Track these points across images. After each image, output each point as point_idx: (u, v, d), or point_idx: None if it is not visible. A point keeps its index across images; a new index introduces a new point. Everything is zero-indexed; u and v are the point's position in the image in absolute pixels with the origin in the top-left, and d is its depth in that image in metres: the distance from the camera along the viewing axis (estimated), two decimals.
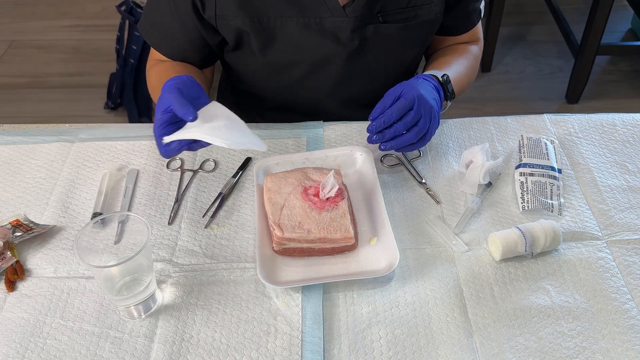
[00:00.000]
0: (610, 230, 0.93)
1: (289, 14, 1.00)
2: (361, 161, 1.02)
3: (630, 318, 0.81)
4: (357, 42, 1.05)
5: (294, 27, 1.02)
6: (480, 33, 1.22)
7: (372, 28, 1.04)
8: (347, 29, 1.03)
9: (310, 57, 1.07)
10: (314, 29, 1.02)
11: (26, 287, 0.86)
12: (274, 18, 1.01)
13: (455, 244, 0.90)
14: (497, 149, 1.07)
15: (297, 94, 1.14)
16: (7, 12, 3.19)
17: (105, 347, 0.78)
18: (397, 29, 1.05)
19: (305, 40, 1.03)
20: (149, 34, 1.10)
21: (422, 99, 0.91)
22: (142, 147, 1.08)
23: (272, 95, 1.17)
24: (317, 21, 1.02)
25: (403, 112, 0.90)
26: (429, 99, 0.93)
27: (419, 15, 1.04)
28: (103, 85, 2.52)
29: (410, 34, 1.07)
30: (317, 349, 0.78)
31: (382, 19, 1.03)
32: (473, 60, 1.17)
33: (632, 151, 1.07)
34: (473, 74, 1.17)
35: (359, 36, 1.04)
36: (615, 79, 2.65)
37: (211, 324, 0.81)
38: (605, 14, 2.23)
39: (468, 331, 0.80)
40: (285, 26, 1.01)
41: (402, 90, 0.92)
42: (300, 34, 1.02)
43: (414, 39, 1.09)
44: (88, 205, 0.98)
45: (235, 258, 0.89)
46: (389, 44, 1.07)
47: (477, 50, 1.19)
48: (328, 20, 1.02)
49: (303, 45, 1.04)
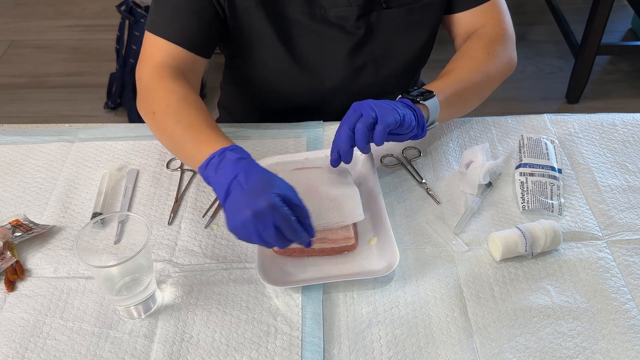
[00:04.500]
0: (610, 230, 0.93)
1: (294, 5, 1.01)
2: (361, 161, 1.02)
3: (630, 318, 0.81)
4: (363, 31, 1.05)
5: (298, 18, 1.02)
6: (502, 18, 1.10)
7: (375, 15, 1.04)
8: (352, 18, 1.03)
9: (316, 48, 1.06)
10: (318, 20, 1.03)
11: (26, 287, 0.86)
12: (280, 6, 1.01)
13: (455, 244, 0.90)
14: (497, 149, 1.07)
15: (303, 86, 1.13)
16: (7, 12, 3.19)
17: (105, 347, 0.78)
18: (401, 13, 1.05)
19: (311, 31, 1.04)
20: (156, 25, 1.02)
21: (357, 103, 0.88)
22: (142, 147, 1.08)
23: (275, 88, 1.15)
24: (321, 12, 1.02)
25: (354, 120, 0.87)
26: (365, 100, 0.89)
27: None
28: (103, 85, 2.52)
29: (415, 17, 1.06)
30: (317, 349, 0.78)
31: (385, 5, 1.04)
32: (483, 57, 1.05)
33: (632, 151, 1.07)
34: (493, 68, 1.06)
35: (364, 24, 1.04)
36: (615, 79, 2.65)
37: (211, 324, 0.81)
38: (605, 14, 2.23)
39: (468, 331, 0.80)
40: (290, 17, 1.02)
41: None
42: (305, 25, 1.03)
43: (419, 23, 1.08)
44: (88, 205, 0.98)
45: (235, 258, 0.89)
46: (394, 30, 1.07)
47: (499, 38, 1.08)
48: (332, 10, 1.02)
49: (308, 37, 1.05)
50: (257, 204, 0.73)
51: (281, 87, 1.14)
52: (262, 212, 0.73)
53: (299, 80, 1.12)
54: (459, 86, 1.01)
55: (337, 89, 1.13)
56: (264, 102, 1.21)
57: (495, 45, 1.07)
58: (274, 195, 0.74)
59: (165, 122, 0.93)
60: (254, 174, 0.78)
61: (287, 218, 0.75)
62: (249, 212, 0.73)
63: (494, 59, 1.06)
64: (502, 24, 1.11)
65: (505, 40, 1.10)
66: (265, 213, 0.73)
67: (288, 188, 0.78)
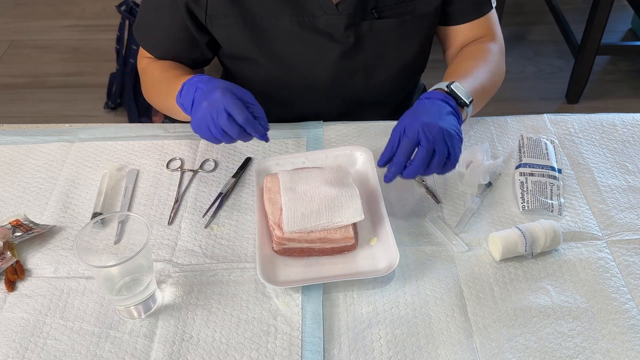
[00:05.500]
0: (610, 230, 0.93)
1: (282, 13, 1.00)
2: (361, 161, 1.02)
3: (630, 318, 0.81)
4: (353, 40, 1.04)
5: (287, 26, 1.01)
6: (497, 30, 1.13)
7: (367, 24, 1.03)
8: (341, 27, 1.02)
9: (305, 55, 1.06)
10: (307, 28, 1.02)
11: (26, 287, 0.86)
12: (266, 17, 1.00)
13: (455, 244, 0.90)
14: (497, 149, 1.07)
15: (293, 94, 1.13)
16: (7, 12, 3.19)
17: (105, 347, 0.78)
18: (392, 24, 1.04)
19: (299, 40, 1.03)
20: (141, 36, 1.11)
21: (427, 126, 0.83)
22: (142, 147, 1.08)
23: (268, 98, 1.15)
24: (310, 20, 1.01)
25: (411, 151, 0.84)
26: (435, 122, 0.84)
27: (416, 9, 1.03)
28: (103, 85, 2.52)
29: (407, 28, 1.06)
30: (317, 349, 0.78)
31: (377, 15, 1.02)
32: (495, 62, 1.07)
33: (632, 151, 1.07)
34: (498, 77, 1.08)
35: (354, 33, 1.03)
36: (615, 79, 2.65)
37: (211, 324, 0.81)
38: (605, 14, 2.23)
39: (468, 331, 0.80)
40: (278, 26, 1.01)
41: (405, 124, 0.85)
42: (294, 32, 1.02)
43: (411, 34, 1.07)
44: (88, 205, 0.98)
45: (235, 258, 0.89)
46: (385, 40, 1.06)
47: (497, 50, 1.10)
48: (321, 18, 1.01)
49: (297, 45, 1.04)
50: (210, 95, 0.85)
51: (274, 93, 1.14)
52: (214, 99, 0.84)
53: (290, 88, 1.12)
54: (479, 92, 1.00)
55: (328, 96, 1.13)
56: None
57: (496, 56, 1.09)
58: (226, 88, 0.85)
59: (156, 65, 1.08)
60: (214, 81, 0.89)
61: (237, 103, 0.84)
62: (204, 104, 0.86)
63: (498, 69, 1.08)
64: (498, 36, 1.13)
65: (503, 52, 1.12)
66: (217, 99, 0.84)
67: (242, 90, 0.88)
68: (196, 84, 0.91)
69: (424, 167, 0.83)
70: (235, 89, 0.87)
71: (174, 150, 1.08)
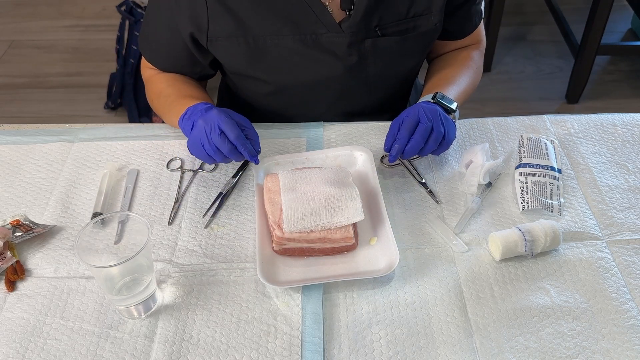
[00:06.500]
0: (610, 230, 0.93)
1: (285, 32, 1.00)
2: (361, 161, 1.02)
3: (630, 318, 0.81)
4: (356, 57, 1.04)
5: (290, 45, 1.01)
6: (483, 34, 1.21)
7: (370, 42, 1.02)
8: (344, 45, 1.02)
9: (308, 73, 1.05)
10: (310, 46, 1.01)
11: (26, 287, 0.86)
12: (269, 37, 1.00)
13: (455, 244, 0.90)
14: (497, 149, 1.08)
15: (295, 110, 1.14)
16: (7, 12, 3.19)
17: (105, 347, 0.78)
18: (396, 41, 1.04)
19: (303, 57, 1.02)
20: (144, 49, 1.11)
21: (426, 108, 0.95)
22: (142, 147, 1.08)
23: (270, 111, 1.16)
24: (313, 38, 1.01)
25: (413, 128, 0.94)
26: (433, 107, 0.97)
27: (418, 26, 1.03)
28: (103, 85, 2.52)
29: (410, 45, 1.06)
30: (317, 349, 0.78)
31: (380, 33, 1.02)
32: (475, 69, 1.17)
33: (632, 151, 1.07)
34: (476, 82, 1.18)
35: (357, 51, 1.03)
36: (615, 79, 2.65)
37: (211, 324, 0.81)
38: (605, 14, 2.23)
39: (468, 331, 0.80)
40: (281, 45, 1.01)
41: (404, 115, 0.96)
42: (297, 51, 1.01)
43: (414, 50, 1.08)
44: (88, 205, 0.98)
45: (235, 258, 0.89)
46: (388, 57, 1.06)
47: (478, 56, 1.19)
48: (324, 36, 1.01)
49: (300, 63, 1.03)
50: (207, 113, 0.92)
51: (276, 106, 1.14)
52: (210, 117, 0.91)
53: (292, 103, 1.12)
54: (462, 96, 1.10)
55: (330, 109, 1.13)
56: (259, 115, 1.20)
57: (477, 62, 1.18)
58: (223, 110, 0.92)
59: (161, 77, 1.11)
60: (215, 109, 0.93)
61: (230, 121, 0.90)
62: (200, 121, 0.91)
63: (477, 72, 1.17)
64: (482, 41, 1.22)
65: (482, 53, 1.22)
66: (212, 117, 0.90)
67: (240, 115, 0.94)
68: (199, 110, 0.95)
69: (424, 140, 0.93)
70: (232, 113, 0.93)
71: (174, 150, 1.08)
